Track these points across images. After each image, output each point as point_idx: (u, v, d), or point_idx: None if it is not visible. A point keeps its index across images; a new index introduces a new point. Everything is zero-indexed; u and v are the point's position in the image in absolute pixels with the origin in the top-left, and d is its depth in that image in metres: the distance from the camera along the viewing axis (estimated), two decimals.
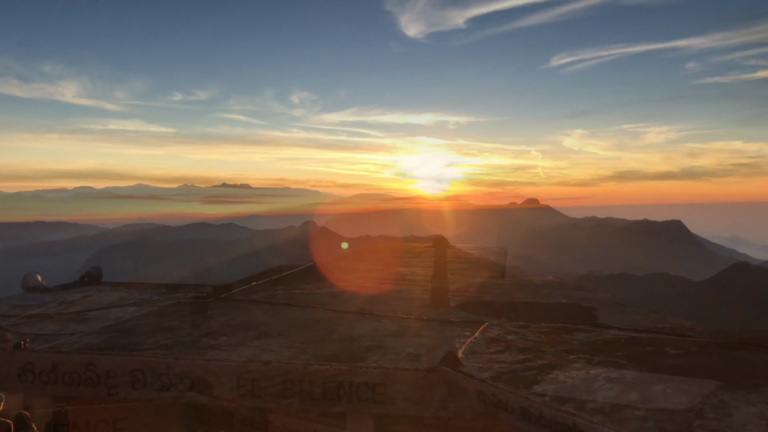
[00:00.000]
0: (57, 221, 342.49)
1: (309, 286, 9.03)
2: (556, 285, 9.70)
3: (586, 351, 4.85)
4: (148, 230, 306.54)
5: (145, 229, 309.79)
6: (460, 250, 15.00)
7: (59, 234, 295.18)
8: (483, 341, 5.26)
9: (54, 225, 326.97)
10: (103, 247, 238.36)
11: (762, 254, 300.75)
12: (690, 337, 5.34)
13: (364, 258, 13.27)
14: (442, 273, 7.27)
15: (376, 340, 5.41)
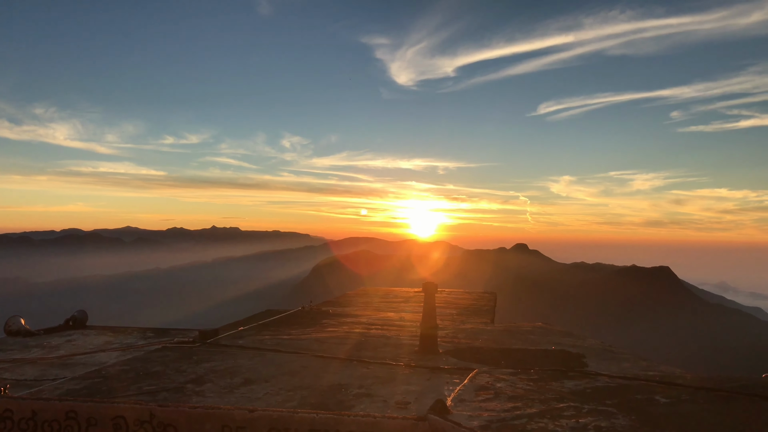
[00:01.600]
0: (43, 263, 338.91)
1: (297, 331, 8.92)
2: (546, 331, 9.64)
3: (576, 399, 4.79)
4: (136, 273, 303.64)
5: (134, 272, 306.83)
6: (450, 295, 14.93)
7: (45, 276, 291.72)
8: (472, 389, 5.19)
9: (40, 267, 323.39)
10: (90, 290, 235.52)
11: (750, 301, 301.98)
12: (680, 385, 5.30)
13: (354, 303, 13.16)
14: (431, 319, 7.21)
15: (365, 388, 5.31)
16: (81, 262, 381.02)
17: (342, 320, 10.16)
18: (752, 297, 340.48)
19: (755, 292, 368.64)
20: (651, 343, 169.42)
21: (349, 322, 9.98)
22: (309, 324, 9.64)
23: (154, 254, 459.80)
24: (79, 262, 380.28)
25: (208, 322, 30.29)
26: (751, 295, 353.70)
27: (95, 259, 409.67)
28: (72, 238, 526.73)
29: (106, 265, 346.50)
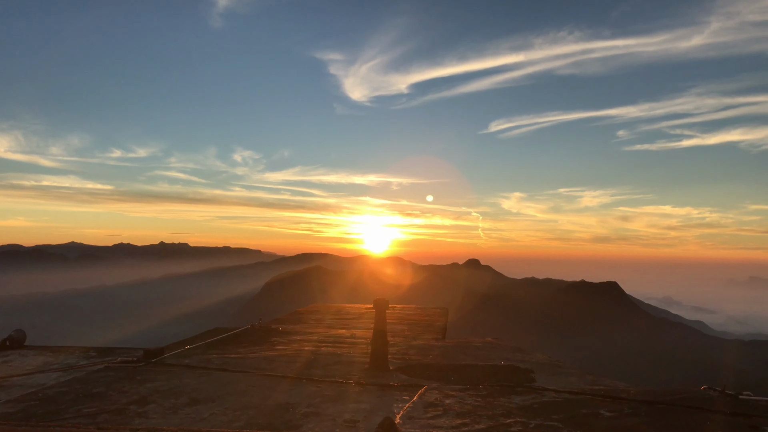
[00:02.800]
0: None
1: (245, 349, 8.77)
2: (495, 347, 9.73)
3: (523, 414, 4.84)
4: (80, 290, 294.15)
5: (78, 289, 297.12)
6: (402, 311, 14.93)
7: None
8: (421, 406, 5.19)
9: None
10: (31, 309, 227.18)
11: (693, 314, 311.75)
12: (623, 398, 5.41)
13: (305, 320, 13.02)
14: (381, 336, 7.20)
15: (313, 407, 5.25)
16: (21, 279, 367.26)
17: (292, 338, 10.04)
18: (695, 311, 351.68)
19: (698, 306, 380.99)
20: (599, 357, 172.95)
21: (299, 339, 9.88)
22: (258, 342, 9.49)
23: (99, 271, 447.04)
24: (19, 279, 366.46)
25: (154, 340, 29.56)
26: (694, 309, 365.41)
27: (37, 276, 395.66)
28: (12, 254, 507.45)
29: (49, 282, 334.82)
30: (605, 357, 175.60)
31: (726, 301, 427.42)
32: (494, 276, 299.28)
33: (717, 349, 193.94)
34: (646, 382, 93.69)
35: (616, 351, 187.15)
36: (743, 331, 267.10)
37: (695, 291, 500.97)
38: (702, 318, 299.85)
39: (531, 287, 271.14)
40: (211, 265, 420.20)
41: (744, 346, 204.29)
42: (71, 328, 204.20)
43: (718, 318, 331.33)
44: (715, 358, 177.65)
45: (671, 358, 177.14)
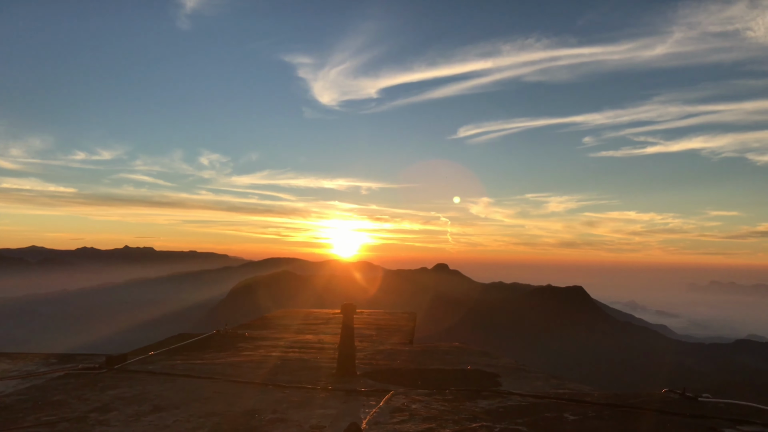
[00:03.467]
0: None
1: (211, 355, 8.66)
2: (463, 351, 9.78)
3: (489, 418, 4.87)
4: (42, 295, 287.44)
5: (39, 294, 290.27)
6: (370, 316, 14.92)
7: None
8: (387, 411, 5.19)
9: None
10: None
11: (656, 318, 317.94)
12: (587, 402, 5.48)
13: (272, 325, 12.92)
14: (349, 341, 7.18)
15: (279, 413, 5.21)
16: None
17: (259, 344, 9.96)
18: (659, 315, 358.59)
19: (661, 310, 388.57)
20: (565, 361, 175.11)
21: (266, 345, 9.80)
22: (224, 348, 9.39)
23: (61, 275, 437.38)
24: None
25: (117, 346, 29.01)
26: (658, 313, 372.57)
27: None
28: None
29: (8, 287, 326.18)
30: (571, 360, 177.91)
31: (688, 305, 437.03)
32: (462, 280, 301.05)
33: (679, 352, 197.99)
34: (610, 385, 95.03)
35: (581, 354, 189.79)
36: (704, 335, 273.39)
37: (658, 295, 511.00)
38: (665, 322, 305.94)
39: (499, 292, 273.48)
40: (177, 269, 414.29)
41: (705, 349, 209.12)
42: (31, 334, 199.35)
43: (680, 322, 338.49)
44: (677, 361, 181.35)
45: (635, 362, 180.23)
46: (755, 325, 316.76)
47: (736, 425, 4.67)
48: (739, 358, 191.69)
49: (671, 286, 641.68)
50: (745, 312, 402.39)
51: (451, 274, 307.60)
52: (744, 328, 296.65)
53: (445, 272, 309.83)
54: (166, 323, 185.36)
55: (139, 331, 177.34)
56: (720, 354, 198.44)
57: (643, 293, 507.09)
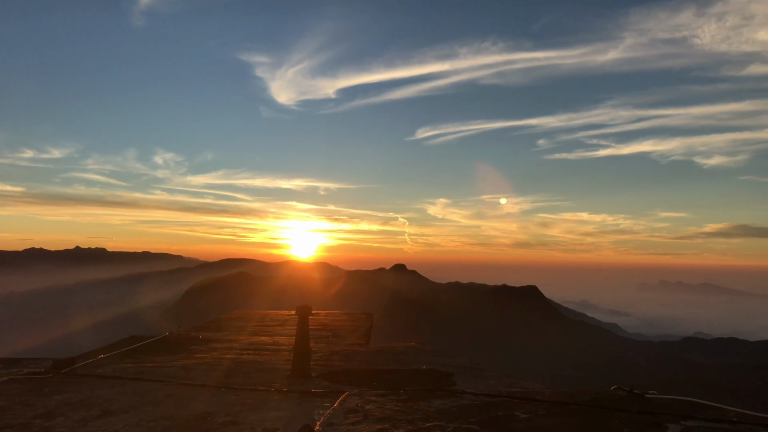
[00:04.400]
0: None
1: (163, 358, 8.50)
2: (418, 351, 9.84)
3: (442, 418, 4.92)
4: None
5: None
6: (327, 317, 14.88)
7: None
8: (341, 412, 5.19)
9: None
10: None
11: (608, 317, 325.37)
12: (538, 400, 5.58)
13: (227, 327, 12.77)
14: (304, 342, 7.15)
15: (232, 415, 5.15)
16: None
17: (213, 346, 9.83)
18: (610, 314, 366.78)
19: (613, 309, 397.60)
20: (520, 360, 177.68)
21: (219, 347, 9.67)
22: (176, 351, 9.23)
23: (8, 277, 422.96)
24: None
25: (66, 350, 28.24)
26: (609, 311, 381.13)
27: None
28: None
29: None
30: (526, 359, 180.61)
31: (638, 304, 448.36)
32: (420, 281, 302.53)
33: (630, 350, 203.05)
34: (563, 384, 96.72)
35: (536, 353, 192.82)
36: (654, 333, 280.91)
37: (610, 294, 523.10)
38: (616, 320, 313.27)
39: (455, 291, 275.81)
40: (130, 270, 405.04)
41: (655, 347, 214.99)
42: None
43: (631, 320, 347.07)
44: (628, 358, 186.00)
45: (588, 360, 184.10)
46: (702, 323, 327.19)
47: (680, 420, 4.82)
48: (687, 355, 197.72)
49: (622, 286, 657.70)
50: (693, 310, 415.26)
51: (409, 275, 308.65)
52: (691, 326, 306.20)
53: (403, 273, 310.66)
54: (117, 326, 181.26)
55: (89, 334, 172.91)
56: (669, 351, 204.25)
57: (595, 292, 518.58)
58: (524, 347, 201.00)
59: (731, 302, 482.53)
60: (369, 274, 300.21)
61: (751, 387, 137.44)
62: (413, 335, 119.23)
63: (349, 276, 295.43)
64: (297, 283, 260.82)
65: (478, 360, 9.58)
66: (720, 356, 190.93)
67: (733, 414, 5.00)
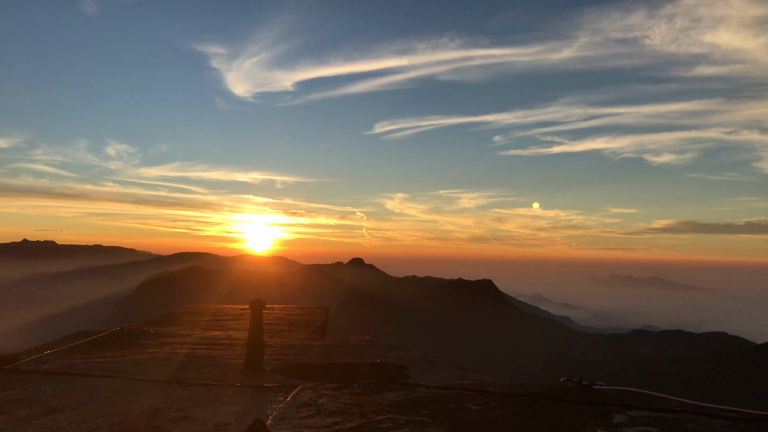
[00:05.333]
0: None
1: (113, 353, 8.33)
2: (374, 344, 9.87)
3: (394, 411, 4.95)
4: None
5: None
6: (282, 311, 14.80)
7: None
8: (294, 406, 5.17)
9: None
10: None
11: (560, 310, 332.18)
12: (490, 392, 5.67)
13: (180, 321, 12.57)
14: (257, 336, 7.09)
15: (183, 411, 5.08)
16: None
17: (165, 340, 9.67)
18: (562, 307, 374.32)
19: (565, 303, 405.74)
20: (475, 352, 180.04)
21: (172, 342, 9.52)
22: (127, 345, 9.05)
23: None
24: None
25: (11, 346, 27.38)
26: (562, 305, 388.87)
27: None
28: None
29: None
30: (481, 352, 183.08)
31: (590, 298, 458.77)
32: (377, 275, 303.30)
33: (581, 342, 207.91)
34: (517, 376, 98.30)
35: (490, 346, 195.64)
36: (604, 326, 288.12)
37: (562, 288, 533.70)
38: (568, 314, 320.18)
39: (412, 285, 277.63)
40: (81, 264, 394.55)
41: (605, 339, 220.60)
42: None
43: (582, 314, 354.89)
44: (580, 351, 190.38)
45: (541, 352, 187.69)
46: (650, 315, 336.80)
47: (626, 410, 4.95)
48: (636, 347, 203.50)
49: (574, 280, 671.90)
50: (642, 303, 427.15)
51: (366, 269, 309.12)
52: (640, 318, 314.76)
53: (361, 267, 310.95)
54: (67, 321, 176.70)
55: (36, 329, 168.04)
56: (618, 343, 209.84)
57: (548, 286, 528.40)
58: (479, 340, 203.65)
59: (678, 296, 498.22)
60: (326, 269, 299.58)
61: (696, 377, 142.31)
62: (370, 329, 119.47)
63: (306, 270, 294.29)
64: (253, 277, 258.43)
65: (433, 353, 9.67)
66: (667, 348, 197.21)
67: (676, 403, 5.16)
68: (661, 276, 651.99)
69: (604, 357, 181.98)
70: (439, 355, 9.24)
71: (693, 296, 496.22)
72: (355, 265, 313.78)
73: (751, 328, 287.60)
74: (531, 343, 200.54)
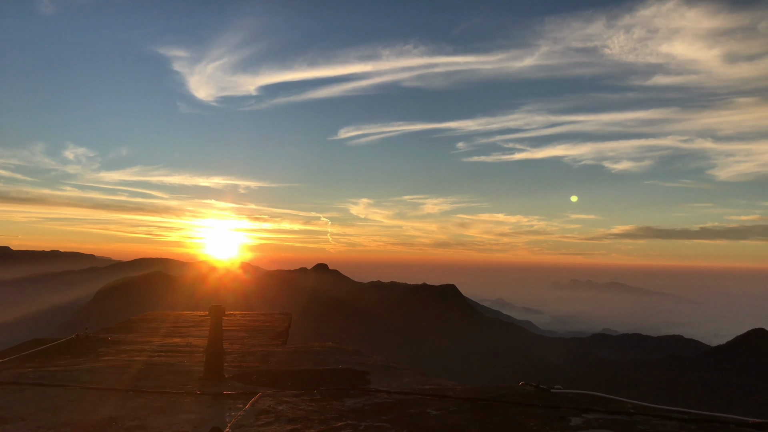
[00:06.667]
0: None
1: (67, 361, 8.13)
2: (336, 350, 9.85)
3: (354, 417, 4.95)
4: None
5: None
6: (244, 318, 14.65)
7: None
8: (253, 413, 5.13)
9: None
10: None
11: (522, 315, 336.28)
12: (450, 397, 5.71)
13: (138, 329, 12.35)
14: (217, 343, 7.01)
15: (139, 420, 5.00)
16: None
17: (122, 348, 9.48)
18: (524, 311, 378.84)
19: (527, 307, 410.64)
20: (438, 357, 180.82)
21: (130, 350, 9.35)
22: (83, 354, 8.85)
23: None
24: None
25: None
26: (523, 309, 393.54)
27: None
28: None
29: None
30: (444, 356, 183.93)
31: (551, 302, 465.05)
32: (341, 280, 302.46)
33: (543, 346, 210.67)
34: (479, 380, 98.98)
35: (453, 350, 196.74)
36: (565, 330, 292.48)
37: (524, 293, 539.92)
38: (530, 318, 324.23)
39: (376, 291, 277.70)
40: (37, 270, 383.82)
41: (565, 343, 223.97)
42: None
43: (544, 318, 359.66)
44: (541, 355, 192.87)
45: (503, 356, 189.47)
46: (610, 319, 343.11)
47: (582, 413, 5.04)
48: (595, 350, 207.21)
49: (536, 284, 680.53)
50: (601, 308, 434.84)
51: (331, 274, 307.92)
52: (599, 322, 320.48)
53: (325, 272, 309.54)
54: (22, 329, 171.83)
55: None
56: (578, 347, 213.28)
57: (510, 291, 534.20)
58: (442, 345, 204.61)
59: (636, 300, 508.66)
60: (290, 274, 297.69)
61: (653, 379, 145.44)
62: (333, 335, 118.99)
63: (270, 276, 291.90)
64: (215, 283, 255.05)
65: (396, 358, 9.70)
66: (626, 351, 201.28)
67: (631, 406, 5.28)
68: (620, 280, 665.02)
69: (564, 361, 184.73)
70: (402, 361, 9.29)
71: (650, 300, 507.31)
72: (320, 270, 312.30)
73: (706, 330, 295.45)
74: (493, 348, 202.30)
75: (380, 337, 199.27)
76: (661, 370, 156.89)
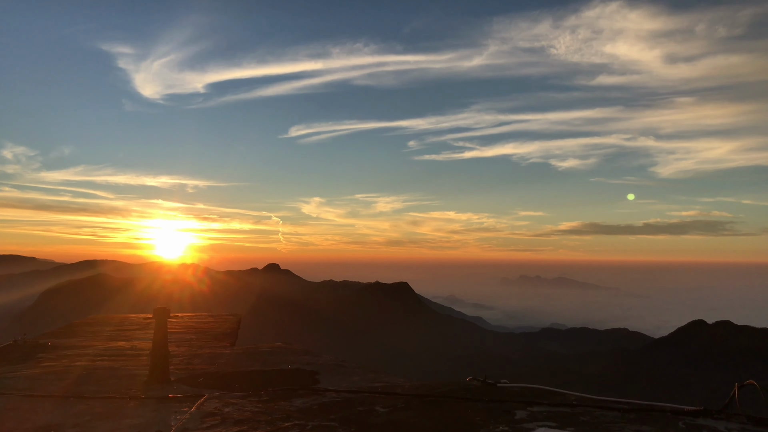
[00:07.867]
0: None
1: (4, 368, 7.84)
2: (285, 351, 9.79)
3: (302, 417, 4.94)
4: None
5: None
6: (192, 320, 14.41)
7: None
8: (199, 416, 5.06)
9: None
10: None
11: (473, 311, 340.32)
12: (398, 394, 5.74)
13: (81, 333, 12.01)
14: (162, 346, 6.88)
15: (80, 426, 4.87)
16: None
17: (63, 353, 9.21)
18: (475, 307, 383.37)
19: (478, 303, 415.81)
20: (390, 355, 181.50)
21: (71, 354, 9.08)
22: (21, 360, 8.56)
23: None
24: None
25: None
26: (474, 305, 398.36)
27: None
28: None
29: None
30: (396, 354, 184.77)
31: (501, 298, 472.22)
32: (293, 280, 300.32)
33: (494, 341, 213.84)
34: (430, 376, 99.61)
35: (405, 348, 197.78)
36: (515, 325, 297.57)
37: (475, 289, 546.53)
38: (481, 314, 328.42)
39: (329, 290, 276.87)
40: None
41: (516, 337, 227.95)
42: None
43: (494, 314, 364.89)
44: (492, 350, 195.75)
45: (455, 352, 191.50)
46: (558, 314, 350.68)
47: (527, 407, 5.15)
48: (544, 344, 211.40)
49: (486, 281, 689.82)
50: (550, 303, 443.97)
51: (282, 274, 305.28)
52: (548, 317, 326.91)
53: (276, 272, 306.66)
54: None
55: None
56: (528, 341, 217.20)
57: (461, 287, 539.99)
58: (394, 342, 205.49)
59: (583, 294, 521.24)
60: (240, 275, 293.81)
61: (600, 371, 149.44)
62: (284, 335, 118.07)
63: (219, 276, 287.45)
64: (162, 285, 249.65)
65: (348, 357, 9.70)
66: (574, 345, 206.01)
67: (574, 398, 5.42)
68: (568, 276, 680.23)
69: (514, 355, 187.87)
70: (353, 359, 9.29)
71: (597, 295, 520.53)
72: (271, 270, 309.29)
73: (650, 323, 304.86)
74: (445, 344, 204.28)
75: (332, 336, 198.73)
76: (608, 362, 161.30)
